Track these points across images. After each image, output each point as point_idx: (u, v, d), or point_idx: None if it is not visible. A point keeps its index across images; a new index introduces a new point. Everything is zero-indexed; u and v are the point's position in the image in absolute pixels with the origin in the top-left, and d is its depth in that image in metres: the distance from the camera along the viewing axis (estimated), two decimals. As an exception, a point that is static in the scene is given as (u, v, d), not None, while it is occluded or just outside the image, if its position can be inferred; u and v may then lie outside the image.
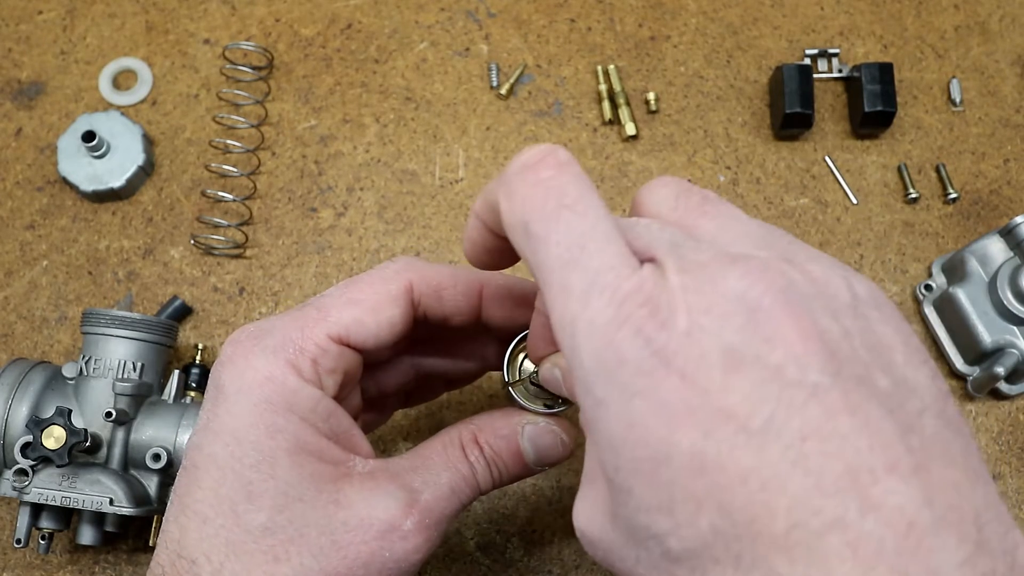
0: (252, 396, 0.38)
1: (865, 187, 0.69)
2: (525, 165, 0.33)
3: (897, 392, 0.28)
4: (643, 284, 0.30)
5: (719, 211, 0.35)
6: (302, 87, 0.72)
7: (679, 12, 0.74)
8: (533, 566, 0.61)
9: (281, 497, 0.37)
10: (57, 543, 0.61)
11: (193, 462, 0.39)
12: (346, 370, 0.41)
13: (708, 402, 0.27)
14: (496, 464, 0.42)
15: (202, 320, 0.66)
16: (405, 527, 0.38)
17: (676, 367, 0.28)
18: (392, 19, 0.74)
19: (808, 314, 0.28)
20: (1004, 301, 0.61)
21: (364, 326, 0.40)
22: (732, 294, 0.29)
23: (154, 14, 0.74)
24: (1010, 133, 0.71)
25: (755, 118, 0.71)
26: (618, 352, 0.29)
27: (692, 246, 0.31)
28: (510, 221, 0.33)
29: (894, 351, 0.30)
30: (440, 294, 0.42)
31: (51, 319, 0.66)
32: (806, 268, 0.30)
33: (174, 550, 0.38)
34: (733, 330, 0.28)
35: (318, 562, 0.37)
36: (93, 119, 0.69)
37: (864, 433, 0.26)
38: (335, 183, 0.69)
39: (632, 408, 0.28)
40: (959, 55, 0.73)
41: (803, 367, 0.27)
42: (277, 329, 0.40)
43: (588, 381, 0.30)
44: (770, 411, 0.27)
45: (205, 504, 0.38)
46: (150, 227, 0.68)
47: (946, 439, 0.28)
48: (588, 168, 0.70)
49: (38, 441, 0.52)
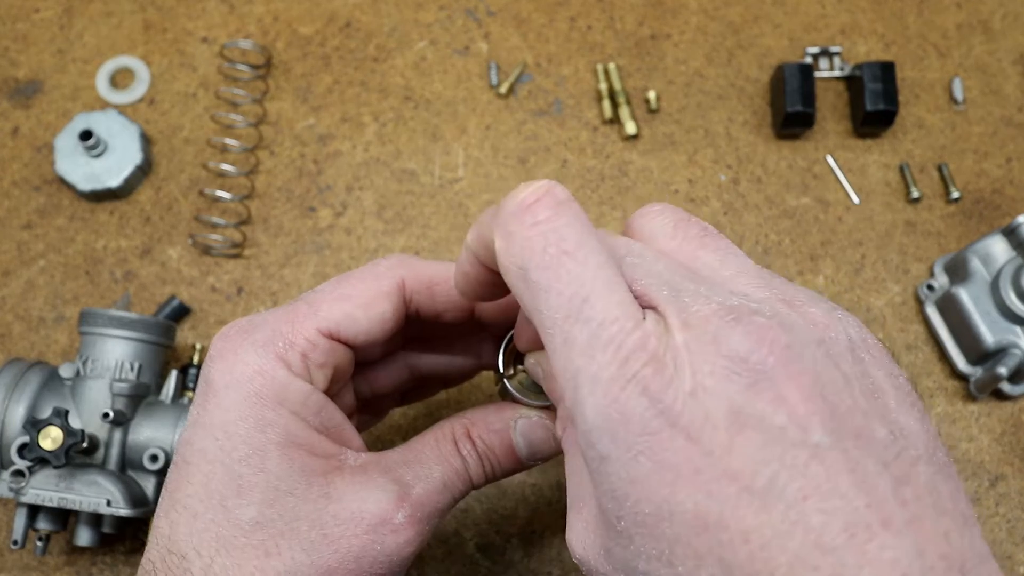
0: (242, 390, 0.38)
1: (867, 186, 0.69)
2: (522, 205, 0.32)
3: (893, 442, 0.29)
4: (647, 340, 0.30)
5: (718, 244, 0.35)
6: (301, 86, 0.72)
7: (680, 10, 0.74)
8: (533, 567, 0.61)
9: (271, 491, 0.37)
10: (54, 544, 0.61)
11: (183, 457, 0.39)
12: (336, 365, 0.41)
13: (712, 463, 0.28)
14: (488, 458, 0.42)
15: (200, 320, 0.66)
16: (396, 520, 0.38)
17: (681, 427, 0.29)
18: (391, 18, 0.74)
19: (810, 371, 0.29)
20: (1007, 301, 0.61)
21: (355, 321, 0.40)
22: (736, 355, 0.29)
23: (152, 12, 0.74)
24: (1012, 132, 0.70)
25: (756, 117, 0.71)
26: (623, 410, 0.29)
27: (692, 291, 0.32)
28: (507, 263, 0.33)
29: (887, 396, 0.31)
30: (432, 290, 0.42)
31: (48, 319, 0.66)
32: (807, 312, 0.31)
33: (164, 546, 0.38)
34: (737, 391, 0.29)
35: (309, 556, 0.37)
36: (90, 118, 0.68)
37: (862, 490, 0.28)
38: (334, 182, 0.69)
39: (637, 466, 0.29)
40: (961, 54, 0.73)
41: (805, 428, 0.28)
42: (267, 323, 0.40)
43: (591, 436, 0.30)
44: (773, 472, 0.28)
45: (195, 499, 0.37)
46: (148, 227, 0.68)
47: (937, 487, 0.29)
48: (588, 167, 0.69)
49: (35, 442, 0.52)
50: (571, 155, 0.70)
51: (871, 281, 0.67)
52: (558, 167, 0.69)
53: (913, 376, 0.65)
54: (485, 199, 0.69)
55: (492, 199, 0.68)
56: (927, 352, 0.65)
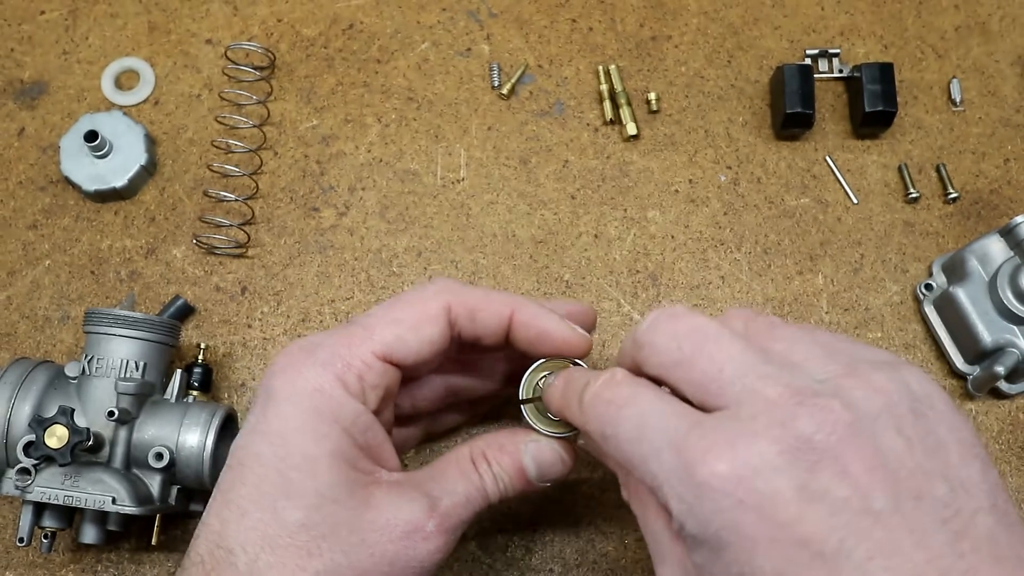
0: (302, 404, 0.41)
1: (866, 187, 0.70)
2: (598, 395, 0.39)
3: (953, 498, 0.33)
4: (721, 431, 0.34)
5: (785, 335, 0.39)
6: (304, 87, 0.72)
7: (680, 12, 0.74)
8: (535, 565, 0.61)
9: (318, 497, 0.40)
10: (59, 542, 0.61)
11: (239, 460, 0.42)
12: (387, 386, 0.44)
13: (786, 533, 0.32)
14: (501, 478, 0.45)
15: (204, 320, 0.66)
16: (427, 529, 0.42)
17: (753, 504, 0.33)
18: (394, 19, 0.74)
19: (872, 444, 0.33)
20: (1004, 300, 0.61)
21: (406, 344, 0.43)
22: (803, 436, 0.33)
23: (156, 14, 0.74)
24: (1010, 133, 0.71)
25: (756, 118, 0.71)
26: (709, 493, 0.34)
27: (763, 373, 0.36)
28: (590, 429, 0.40)
29: (950, 451, 0.34)
30: (474, 315, 0.45)
31: (53, 319, 0.66)
32: (869, 380, 0.35)
33: (214, 541, 0.41)
34: (804, 469, 0.32)
35: (347, 558, 0.40)
36: (95, 119, 0.69)
37: (921, 547, 0.31)
38: (337, 183, 0.69)
39: (721, 537, 0.33)
40: (959, 55, 0.73)
41: (867, 496, 0.32)
42: (327, 345, 0.43)
43: (680, 518, 0.35)
44: (840, 538, 0.32)
45: (247, 499, 0.41)
46: (152, 227, 0.69)
47: (996, 536, 0.33)
48: (589, 168, 0.70)
49: (41, 440, 0.52)
50: (572, 156, 0.70)
51: (870, 281, 0.67)
52: (559, 167, 0.70)
53: (912, 375, 0.65)
54: (487, 199, 0.69)
55: (494, 199, 0.69)
56: (925, 351, 0.66)
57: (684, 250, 0.68)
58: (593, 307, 0.59)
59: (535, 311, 0.46)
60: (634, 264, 0.67)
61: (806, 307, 0.67)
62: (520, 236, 0.68)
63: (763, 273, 0.67)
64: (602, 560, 0.61)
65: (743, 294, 0.67)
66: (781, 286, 0.67)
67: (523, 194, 0.69)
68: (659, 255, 0.68)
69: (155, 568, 0.61)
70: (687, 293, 0.67)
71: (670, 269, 0.67)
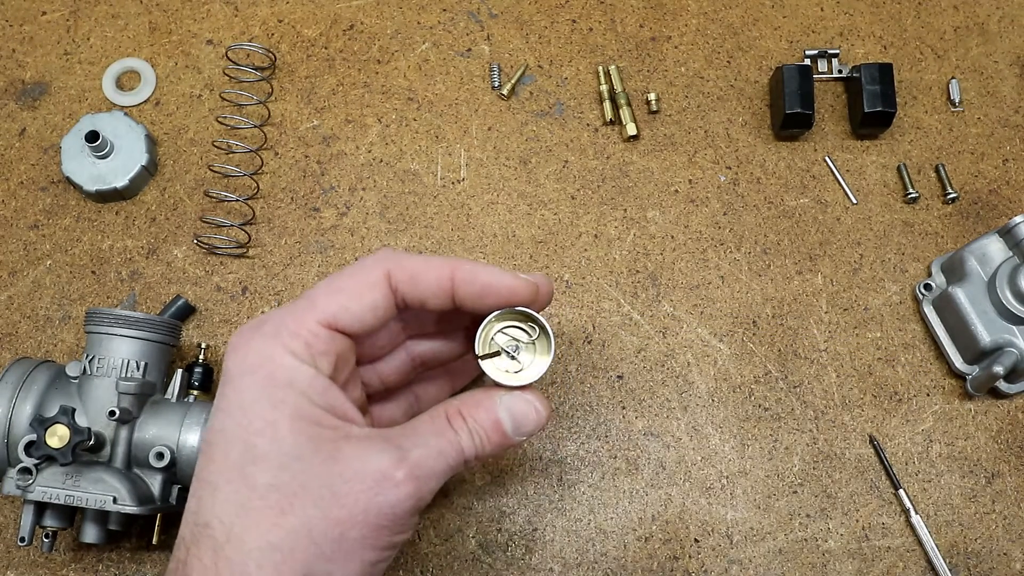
0: (256, 375, 0.43)
1: (865, 187, 0.70)
2: None
3: None
4: None
5: None
6: (304, 87, 0.72)
7: (680, 13, 0.74)
8: (535, 564, 0.61)
9: (283, 457, 0.42)
10: (61, 541, 0.61)
11: (207, 441, 0.43)
12: (338, 352, 0.45)
13: None
14: (477, 432, 0.46)
15: (205, 319, 0.67)
16: (397, 477, 0.42)
17: None
18: (394, 20, 0.74)
19: None
20: (1003, 300, 0.61)
21: (349, 311, 0.45)
22: None
23: (157, 15, 0.74)
24: (1009, 133, 0.71)
25: (755, 118, 0.71)
26: None
27: None
28: None
29: None
30: (415, 280, 0.46)
31: (55, 318, 0.67)
32: None
33: (192, 520, 0.42)
34: None
35: (320, 510, 0.41)
36: (96, 119, 0.69)
37: None
38: (337, 183, 0.70)
39: None
40: (958, 56, 0.73)
41: None
42: (272, 319, 0.45)
43: None
44: None
45: (216, 474, 0.42)
46: (153, 227, 0.69)
47: None
48: (589, 168, 0.70)
49: (42, 440, 0.52)
50: (572, 156, 0.70)
51: (869, 281, 0.67)
52: (559, 168, 0.70)
53: (910, 375, 0.65)
54: (487, 199, 0.69)
55: (494, 200, 0.69)
56: (924, 351, 0.66)
57: (684, 250, 0.68)
58: (548, 275, 0.60)
59: (474, 267, 0.47)
60: (634, 264, 0.68)
61: (805, 307, 0.67)
62: (520, 236, 0.68)
63: (763, 273, 0.68)
64: (602, 560, 0.61)
65: (742, 294, 0.67)
66: (780, 286, 0.67)
67: (523, 194, 0.69)
68: (659, 255, 0.68)
69: (156, 567, 0.61)
70: (687, 293, 0.67)
71: (670, 269, 0.68)
